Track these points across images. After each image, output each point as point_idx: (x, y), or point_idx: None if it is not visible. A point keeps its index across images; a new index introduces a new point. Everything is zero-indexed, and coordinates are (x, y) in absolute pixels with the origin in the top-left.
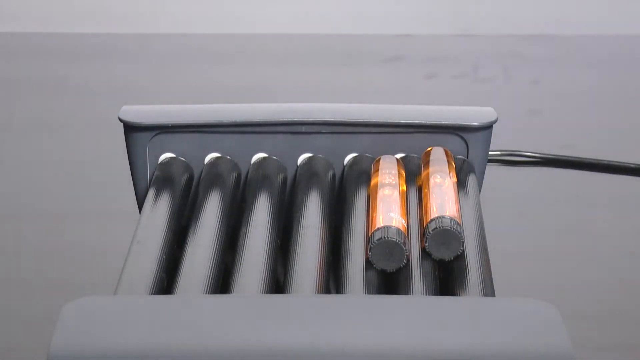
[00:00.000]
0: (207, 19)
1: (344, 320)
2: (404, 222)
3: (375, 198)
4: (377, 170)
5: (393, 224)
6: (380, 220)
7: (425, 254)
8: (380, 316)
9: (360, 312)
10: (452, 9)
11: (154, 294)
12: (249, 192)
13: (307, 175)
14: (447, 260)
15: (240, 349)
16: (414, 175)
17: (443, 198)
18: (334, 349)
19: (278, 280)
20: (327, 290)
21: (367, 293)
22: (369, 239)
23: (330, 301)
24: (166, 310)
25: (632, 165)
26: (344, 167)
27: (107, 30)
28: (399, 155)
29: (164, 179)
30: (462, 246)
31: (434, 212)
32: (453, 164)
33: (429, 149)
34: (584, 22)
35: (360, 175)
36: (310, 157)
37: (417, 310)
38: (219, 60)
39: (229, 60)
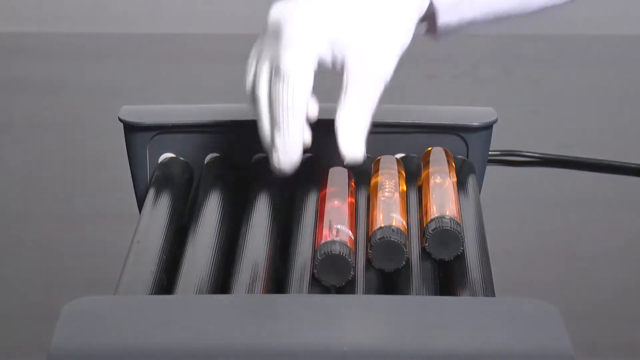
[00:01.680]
0: (207, 19)
1: (343, 320)
2: (404, 222)
3: (376, 198)
4: (377, 170)
5: (393, 224)
6: (380, 220)
7: (425, 254)
8: (380, 316)
9: (360, 312)
10: None
11: (154, 294)
12: (249, 192)
13: (307, 176)
14: (447, 260)
15: (240, 349)
16: (414, 175)
17: (443, 198)
18: (333, 349)
19: (278, 280)
20: (326, 290)
21: (367, 293)
22: (369, 238)
23: (330, 301)
24: (166, 310)
25: (632, 165)
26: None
27: (106, 30)
28: (399, 155)
29: (164, 179)
30: (462, 246)
31: (434, 212)
32: (453, 164)
33: (429, 149)
34: (584, 22)
35: (361, 175)
36: (310, 157)
37: (417, 310)
38: (219, 60)
39: (229, 60)
